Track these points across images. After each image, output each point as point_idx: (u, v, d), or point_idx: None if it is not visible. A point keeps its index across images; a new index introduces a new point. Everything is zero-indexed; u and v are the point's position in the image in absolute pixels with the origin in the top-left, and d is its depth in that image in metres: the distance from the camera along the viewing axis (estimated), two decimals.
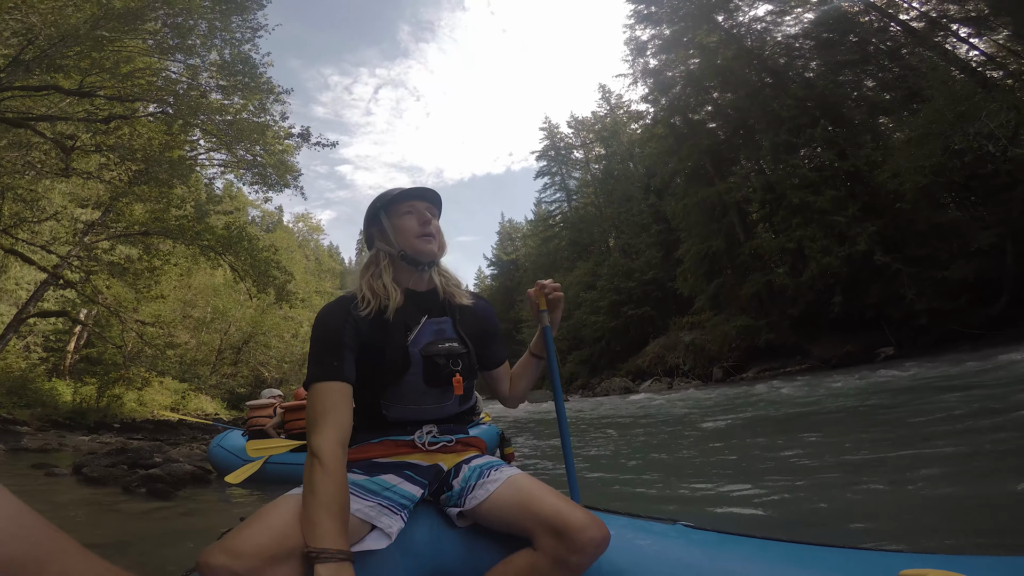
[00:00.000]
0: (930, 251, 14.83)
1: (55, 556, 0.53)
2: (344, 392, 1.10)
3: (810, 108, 18.90)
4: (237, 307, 24.17)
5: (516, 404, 1.47)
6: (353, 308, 1.20)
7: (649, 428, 7.56)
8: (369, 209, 1.34)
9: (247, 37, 10.86)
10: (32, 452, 7.51)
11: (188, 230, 11.78)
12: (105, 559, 0.58)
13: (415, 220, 1.27)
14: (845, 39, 19.20)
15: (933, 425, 4.53)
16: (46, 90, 9.26)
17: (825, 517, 2.44)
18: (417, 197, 1.30)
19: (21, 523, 0.51)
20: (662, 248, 30.66)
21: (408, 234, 1.27)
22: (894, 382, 8.86)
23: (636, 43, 27.40)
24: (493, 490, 1.07)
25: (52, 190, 11.96)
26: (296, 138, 12.31)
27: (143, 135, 11.19)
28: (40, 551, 0.52)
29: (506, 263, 60.78)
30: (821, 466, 3.53)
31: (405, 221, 1.28)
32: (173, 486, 4.26)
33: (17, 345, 14.89)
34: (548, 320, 1.42)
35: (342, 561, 0.87)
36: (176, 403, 18.94)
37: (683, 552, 1.02)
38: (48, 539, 0.53)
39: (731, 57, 21.98)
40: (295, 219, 55.99)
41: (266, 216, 43.93)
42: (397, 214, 1.29)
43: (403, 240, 1.27)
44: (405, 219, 1.28)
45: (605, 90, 44.22)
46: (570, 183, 46.59)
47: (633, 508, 1.30)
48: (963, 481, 2.62)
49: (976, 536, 1.97)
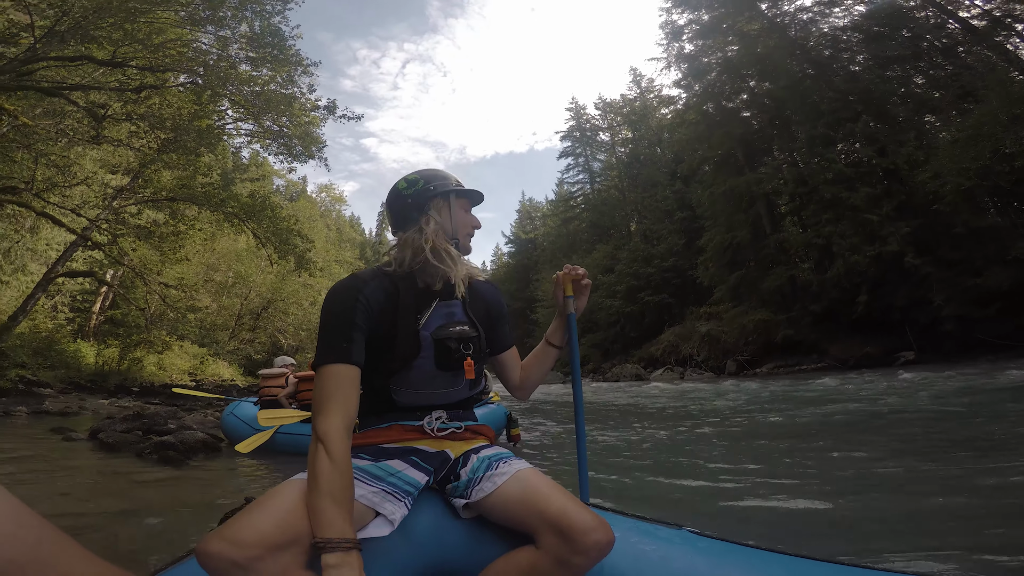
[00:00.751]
0: (964, 255, 14.31)
1: (56, 557, 0.53)
2: (352, 376, 1.08)
3: (852, 102, 18.19)
4: (258, 273, 24.60)
5: (527, 395, 1.44)
6: (366, 288, 1.18)
7: (658, 420, 7.54)
8: (425, 185, 1.29)
9: (277, 9, 10.87)
10: (53, 415, 7.76)
11: (213, 197, 11.97)
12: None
13: (472, 219, 1.33)
14: (897, 34, 18.31)
15: (951, 435, 4.42)
16: (80, 60, 9.39)
17: (834, 529, 2.39)
18: (475, 198, 1.35)
19: (21, 523, 0.52)
20: (684, 236, 30.18)
21: (465, 226, 1.31)
22: (912, 388, 8.66)
23: (672, 27, 26.53)
24: (500, 483, 1.06)
25: (84, 156, 12.21)
26: (322, 110, 12.32)
27: (173, 104, 11.32)
28: (41, 552, 0.52)
29: (524, 241, 60.56)
30: (832, 473, 3.45)
31: (464, 214, 1.32)
32: (184, 454, 4.38)
33: (45, 305, 15.43)
34: (573, 307, 1.39)
35: (348, 550, 0.87)
36: (194, 368, 19.51)
37: (686, 560, 1.02)
38: (49, 540, 0.53)
39: (772, 46, 21.19)
40: (318, 189, 56.51)
41: (290, 186, 44.38)
42: (457, 204, 1.31)
43: (459, 229, 1.30)
44: (463, 213, 1.32)
45: (636, 73, 43.13)
46: (594, 165, 45.88)
47: (636, 505, 1.29)
48: (981, 500, 2.55)
49: (990, 555, 1.91)
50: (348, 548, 0.87)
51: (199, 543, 0.83)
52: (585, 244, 40.05)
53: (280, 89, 11.37)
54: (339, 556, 0.85)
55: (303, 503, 0.92)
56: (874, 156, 16.90)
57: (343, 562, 0.85)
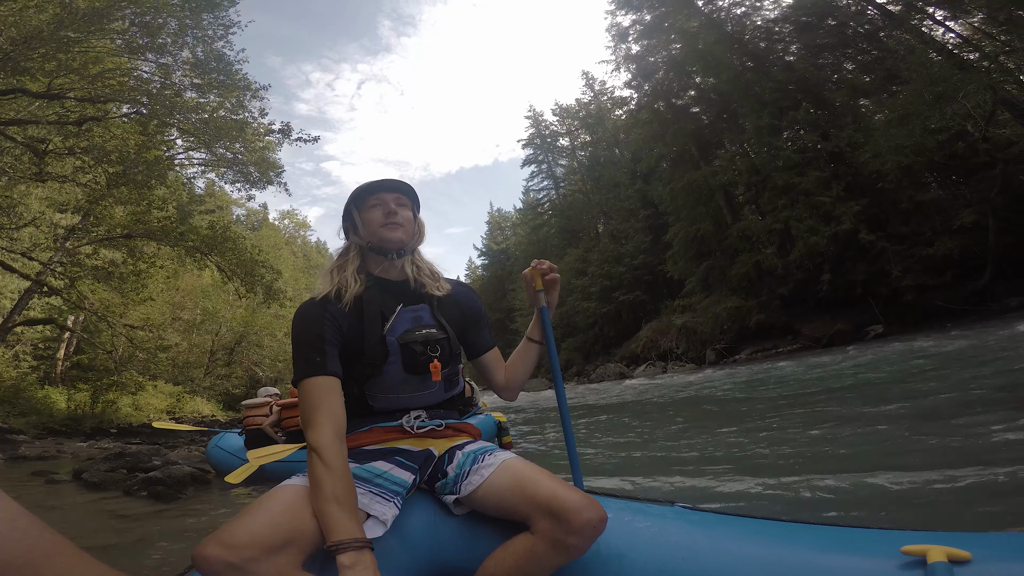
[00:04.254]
0: (914, 229, 15.09)
1: (52, 558, 0.53)
2: (332, 385, 1.11)
3: (791, 91, 19.05)
4: (227, 307, 23.88)
5: (514, 395, 1.44)
6: (327, 304, 1.21)
7: (644, 413, 7.64)
8: (345, 206, 1.36)
9: (219, 34, 10.62)
10: (31, 460, 7.38)
11: (171, 231, 11.55)
12: (110, 561, 0.58)
13: (381, 211, 1.29)
14: (823, 22, 19.37)
15: (925, 403, 4.62)
16: (12, 93, 8.99)
17: (823, 497, 2.46)
18: (384, 189, 1.32)
19: (17, 525, 0.52)
20: (651, 232, 30.76)
21: (374, 224, 1.29)
22: (883, 359, 9.02)
23: (618, 29, 27.38)
24: (488, 475, 1.07)
25: (28, 195, 11.64)
26: (276, 134, 12.11)
27: (117, 136, 10.91)
28: (37, 553, 0.52)
29: (496, 253, 60.59)
30: (817, 446, 3.58)
31: (372, 213, 1.30)
32: (174, 488, 4.24)
33: (6, 355, 14.61)
34: (545, 300, 1.41)
35: (360, 549, 0.89)
36: (172, 406, 18.76)
37: (681, 533, 1.02)
38: (45, 541, 0.53)
39: (712, 42, 22.02)
40: (281, 216, 55.35)
41: (251, 214, 43.34)
42: (366, 207, 1.31)
43: (370, 231, 1.29)
44: (372, 211, 1.30)
45: (588, 76, 44.06)
46: (557, 170, 46.51)
47: (630, 492, 1.32)
48: (961, 459, 2.63)
49: (977, 514, 1.98)
50: (360, 547, 0.89)
51: (196, 548, 0.84)
52: (556, 249, 40.35)
53: (230, 115, 11.09)
54: (352, 556, 0.88)
55: (296, 505, 0.95)
56: (818, 141, 17.70)
57: (357, 561, 0.87)
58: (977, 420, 3.40)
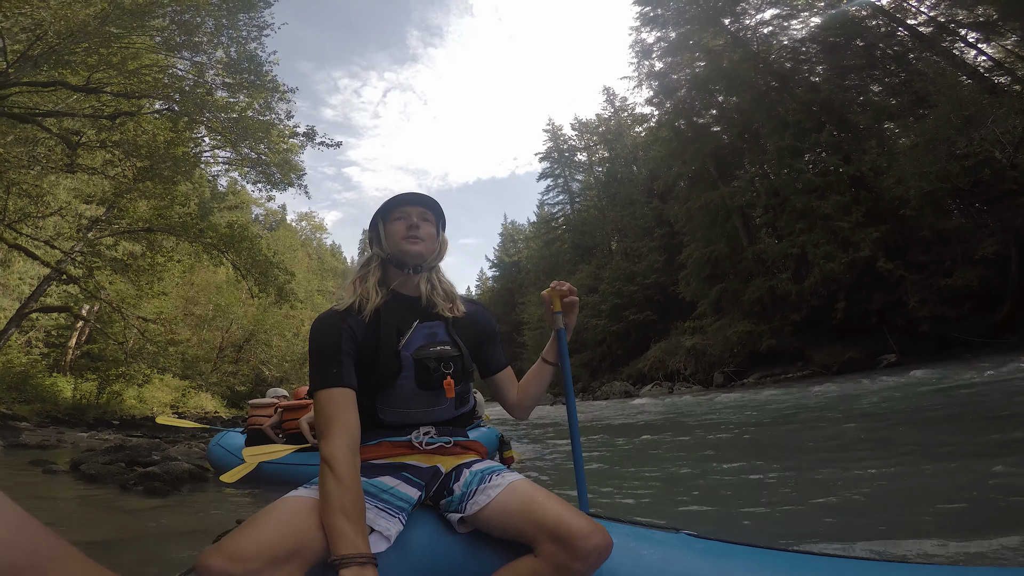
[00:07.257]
0: (934, 258, 14.79)
1: (54, 562, 0.53)
2: (347, 397, 1.12)
3: (815, 113, 18.91)
4: (239, 305, 24.20)
5: (525, 415, 1.43)
6: (347, 315, 1.22)
7: (650, 434, 7.52)
8: (372, 217, 1.37)
9: (253, 35, 10.89)
10: (31, 448, 7.50)
11: (191, 227, 11.80)
12: (101, 559, 0.58)
13: (403, 224, 1.29)
14: (851, 43, 19.23)
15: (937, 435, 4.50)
16: (53, 86, 9.30)
17: (832, 527, 2.40)
18: (410, 203, 1.32)
19: (20, 529, 0.52)
20: (664, 252, 30.65)
21: (396, 237, 1.29)
22: (896, 389, 8.81)
23: (642, 46, 27.50)
24: (495, 495, 1.06)
25: (57, 186, 11.98)
26: (301, 137, 12.32)
27: (148, 132, 11.21)
28: (39, 557, 0.52)
29: (508, 265, 60.80)
30: (827, 474, 3.49)
31: (396, 226, 1.30)
32: (171, 484, 4.25)
33: (19, 340, 14.93)
34: (562, 322, 1.40)
35: (364, 564, 0.89)
36: (176, 400, 18.98)
37: (687, 561, 1.01)
38: (48, 545, 0.54)
39: (737, 60, 22.03)
40: (299, 218, 56.24)
41: (270, 214, 44.06)
42: (391, 219, 1.32)
43: (391, 243, 1.30)
44: (396, 224, 1.31)
45: (609, 92, 44.41)
46: (573, 185, 46.65)
47: (635, 517, 1.28)
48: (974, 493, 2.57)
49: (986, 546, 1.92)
50: (363, 563, 0.89)
51: (199, 558, 0.84)
52: (568, 265, 40.34)
53: (258, 116, 11.35)
54: (355, 571, 0.88)
55: (300, 517, 0.95)
56: (840, 164, 17.52)
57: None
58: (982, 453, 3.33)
